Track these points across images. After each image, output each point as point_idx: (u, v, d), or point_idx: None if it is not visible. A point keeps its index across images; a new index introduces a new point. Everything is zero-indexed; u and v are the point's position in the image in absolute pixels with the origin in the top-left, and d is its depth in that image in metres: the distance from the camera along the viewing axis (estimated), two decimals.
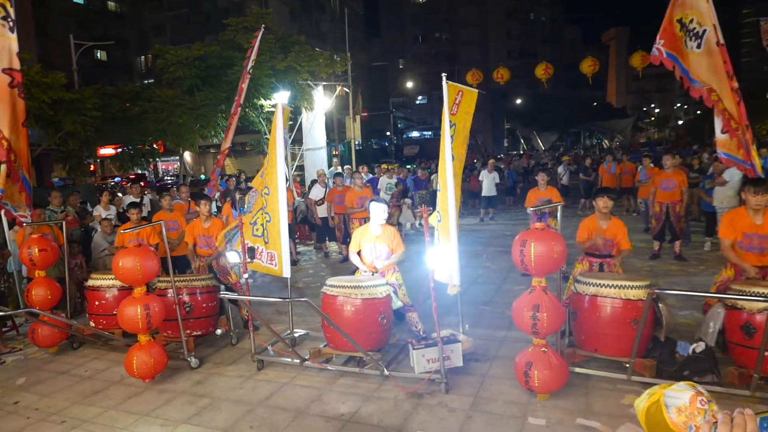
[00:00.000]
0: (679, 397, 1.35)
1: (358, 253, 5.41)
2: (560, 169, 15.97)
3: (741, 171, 5.61)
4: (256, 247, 5.61)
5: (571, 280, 5.20)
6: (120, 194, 11.55)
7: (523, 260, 3.98)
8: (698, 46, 4.87)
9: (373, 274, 5.25)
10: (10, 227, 6.91)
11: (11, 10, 6.14)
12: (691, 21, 4.88)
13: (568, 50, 68.50)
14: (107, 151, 20.56)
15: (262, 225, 5.55)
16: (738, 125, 4.74)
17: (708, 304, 4.60)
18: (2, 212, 6.65)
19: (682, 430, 1.33)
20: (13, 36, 6.17)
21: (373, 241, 5.25)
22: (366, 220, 5.59)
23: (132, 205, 6.77)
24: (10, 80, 6.16)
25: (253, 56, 7.79)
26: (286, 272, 5.40)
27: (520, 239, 4.02)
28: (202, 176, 27.89)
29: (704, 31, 4.80)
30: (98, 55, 44.11)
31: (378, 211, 5.23)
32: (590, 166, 15.66)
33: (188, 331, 5.53)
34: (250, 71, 7.89)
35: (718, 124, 5.00)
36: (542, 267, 3.99)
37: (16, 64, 6.18)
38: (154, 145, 16.35)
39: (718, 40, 4.73)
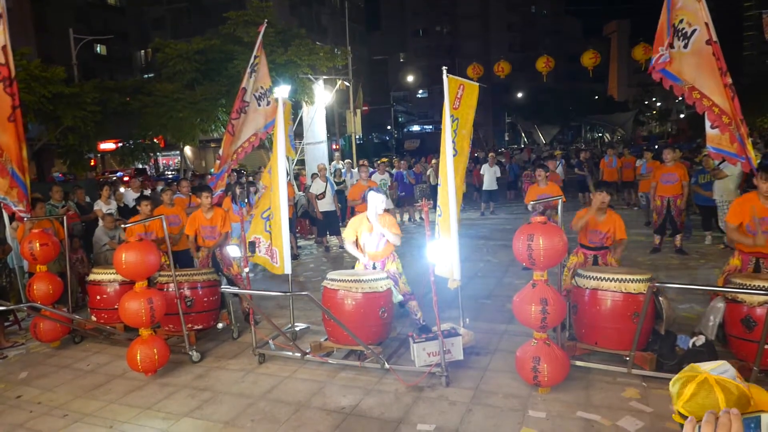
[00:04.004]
0: (728, 369, 1.38)
1: (356, 244, 5.43)
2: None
3: (732, 164, 5.78)
4: (256, 241, 5.62)
5: (566, 272, 5.25)
6: (122, 190, 11.52)
7: (531, 254, 3.97)
8: (685, 46, 4.89)
9: (374, 267, 5.26)
10: (11, 222, 6.92)
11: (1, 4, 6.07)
12: (681, 21, 4.91)
13: (569, 43, 68.06)
14: (108, 145, 20.51)
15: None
16: (731, 120, 4.75)
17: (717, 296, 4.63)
18: (1, 206, 6.64)
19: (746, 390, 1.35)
20: (0, 29, 6.10)
21: (370, 230, 5.27)
22: None
23: (142, 197, 6.94)
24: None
25: (256, 52, 7.63)
26: (287, 269, 5.39)
27: (525, 233, 4.00)
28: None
29: (693, 30, 4.82)
30: (98, 49, 44.00)
31: (376, 201, 5.23)
32: (586, 160, 15.61)
33: (189, 325, 5.54)
34: (255, 68, 7.62)
35: (706, 119, 5.03)
36: (550, 260, 3.99)
37: (2, 58, 6.11)
38: (155, 140, 16.33)
39: (710, 38, 4.73)
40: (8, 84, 6.11)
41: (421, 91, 64.77)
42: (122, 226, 6.97)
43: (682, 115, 58.04)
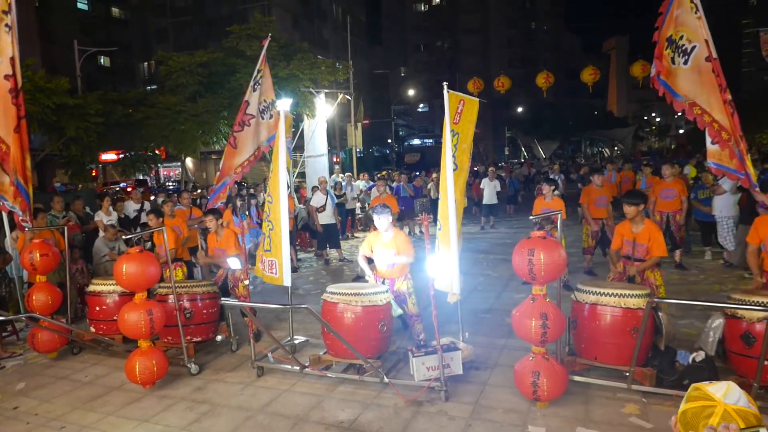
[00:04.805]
0: (740, 396, 1.30)
1: (369, 259, 5.44)
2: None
3: (732, 180, 5.90)
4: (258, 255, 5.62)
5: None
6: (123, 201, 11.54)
7: (532, 269, 3.98)
8: (685, 63, 4.94)
9: (383, 281, 5.26)
10: (11, 231, 6.93)
11: (8, 17, 6.14)
12: (681, 38, 4.95)
13: (569, 59, 68.67)
14: (109, 156, 20.61)
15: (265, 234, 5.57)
16: (731, 136, 4.78)
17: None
18: (3, 214, 6.66)
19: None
20: (9, 41, 6.18)
21: (383, 246, 5.29)
22: None
23: (150, 211, 7.01)
24: (8, 86, 6.16)
25: (260, 66, 7.68)
26: (287, 281, 5.40)
27: (526, 248, 4.01)
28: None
29: (693, 47, 4.86)
30: (102, 60, 44.39)
31: (380, 222, 5.26)
32: (585, 175, 15.65)
33: (188, 338, 5.53)
34: (259, 81, 7.62)
35: (707, 135, 5.07)
36: (550, 274, 4.01)
37: (10, 69, 6.17)
38: (156, 151, 16.40)
39: (709, 54, 4.77)
40: (15, 95, 6.18)
41: (421, 105, 65.19)
42: (123, 237, 6.99)
43: (681, 131, 58.33)
